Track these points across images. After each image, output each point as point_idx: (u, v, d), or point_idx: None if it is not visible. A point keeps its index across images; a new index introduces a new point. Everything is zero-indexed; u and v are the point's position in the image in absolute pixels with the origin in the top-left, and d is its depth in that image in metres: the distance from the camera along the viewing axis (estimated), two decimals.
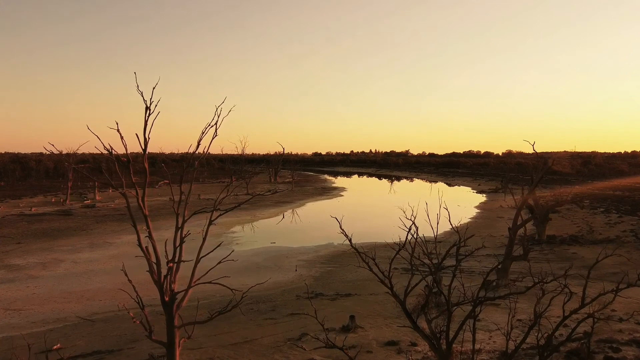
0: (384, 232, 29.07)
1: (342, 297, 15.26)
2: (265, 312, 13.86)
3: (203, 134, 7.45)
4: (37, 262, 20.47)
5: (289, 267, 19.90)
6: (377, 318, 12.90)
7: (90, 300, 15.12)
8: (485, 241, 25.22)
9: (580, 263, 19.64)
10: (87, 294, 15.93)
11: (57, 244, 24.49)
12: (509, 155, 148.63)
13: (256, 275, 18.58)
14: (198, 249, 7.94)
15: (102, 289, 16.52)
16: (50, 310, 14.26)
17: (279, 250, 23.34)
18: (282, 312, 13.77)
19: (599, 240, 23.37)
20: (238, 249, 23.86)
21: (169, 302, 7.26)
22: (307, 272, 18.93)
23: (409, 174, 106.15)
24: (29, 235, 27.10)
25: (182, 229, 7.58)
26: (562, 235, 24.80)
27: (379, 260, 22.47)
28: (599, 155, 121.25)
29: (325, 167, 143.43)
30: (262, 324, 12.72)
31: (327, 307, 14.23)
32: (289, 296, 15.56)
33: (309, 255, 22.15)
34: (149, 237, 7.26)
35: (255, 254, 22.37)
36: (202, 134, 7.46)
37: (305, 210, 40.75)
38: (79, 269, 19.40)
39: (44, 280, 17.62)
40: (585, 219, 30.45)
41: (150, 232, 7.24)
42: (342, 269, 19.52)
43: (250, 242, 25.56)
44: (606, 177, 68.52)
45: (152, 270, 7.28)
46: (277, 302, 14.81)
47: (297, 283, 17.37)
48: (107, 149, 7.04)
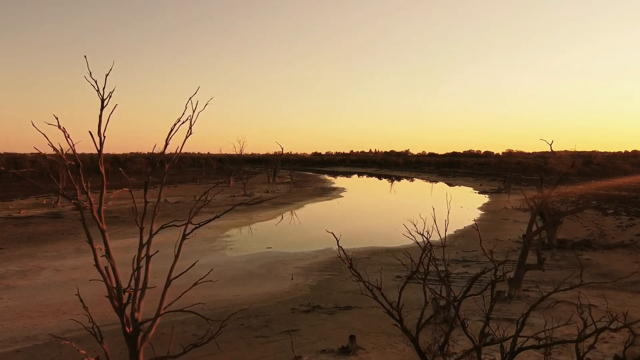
0: (384, 235, 27.84)
1: (341, 311, 14.02)
2: (257, 328, 12.62)
3: (172, 131, 6.21)
4: (17, 270, 19.21)
5: (285, 275, 18.66)
6: (379, 336, 11.66)
7: (66, 314, 13.86)
8: (492, 245, 24.00)
9: (595, 270, 18.41)
10: (65, 307, 14.68)
11: (42, 250, 23.25)
12: (510, 155, 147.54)
13: (249, 284, 17.35)
14: (169, 269, 6.68)
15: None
16: (21, 326, 13.01)
17: (275, 256, 22.10)
18: (276, 328, 12.53)
19: (612, 245, 22.12)
20: (232, 254, 22.64)
21: (131, 334, 6.03)
22: (303, 281, 17.69)
23: (409, 174, 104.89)
24: (14, 239, 25.84)
25: (149, 245, 6.35)
26: (573, 240, 23.57)
27: (379, 267, 21.09)
28: (599, 154, 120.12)
29: (325, 167, 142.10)
30: (252, 343, 11.48)
31: (324, 322, 13.00)
32: (284, 309, 14.32)
33: (306, 262, 20.91)
34: (106, 257, 6.04)
35: (250, 261, 21.13)
36: (172, 131, 6.21)
37: (304, 212, 39.52)
38: (60, 278, 18.15)
39: (21, 291, 16.37)
40: (595, 221, 29.21)
41: (109, 251, 6.03)
42: (341, 276, 18.28)
43: (244, 247, 24.32)
44: (609, 177, 67.31)
45: (111, 296, 6.06)
46: (270, 317, 13.58)
47: (293, 293, 16.14)
48: (57, 150, 5.81)
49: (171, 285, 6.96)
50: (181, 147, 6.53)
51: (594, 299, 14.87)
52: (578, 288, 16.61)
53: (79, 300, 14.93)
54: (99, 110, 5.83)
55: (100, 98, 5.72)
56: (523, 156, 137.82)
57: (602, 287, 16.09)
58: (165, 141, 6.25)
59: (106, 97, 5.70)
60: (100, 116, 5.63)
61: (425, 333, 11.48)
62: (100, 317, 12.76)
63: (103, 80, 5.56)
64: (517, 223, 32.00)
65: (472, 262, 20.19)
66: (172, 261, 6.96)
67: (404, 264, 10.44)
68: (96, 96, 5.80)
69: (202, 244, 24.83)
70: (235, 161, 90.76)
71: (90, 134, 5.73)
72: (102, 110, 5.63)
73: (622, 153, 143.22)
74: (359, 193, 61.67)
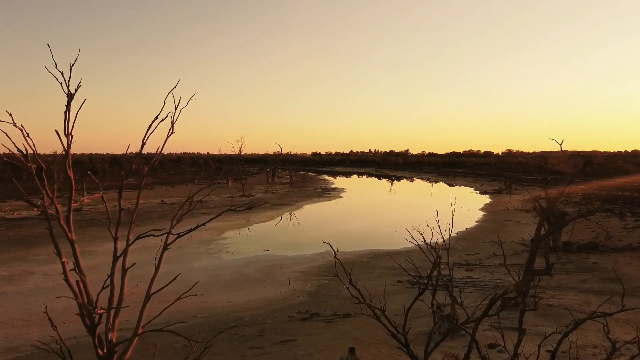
0: (385, 237, 27.19)
1: (340, 318, 13.37)
2: (252, 338, 11.97)
3: (149, 130, 5.56)
4: (5, 275, 18.56)
5: (282, 279, 18.02)
6: (381, 347, 11.02)
7: (53, 320, 13.18)
8: (495, 248, 23.36)
9: (603, 275, 17.76)
10: (52, 314, 13.93)
11: (32, 253, 22.59)
12: (510, 155, 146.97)
13: (244, 290, 16.71)
14: (149, 282, 6.04)
15: (69, 308, 14.57)
16: (3, 336, 12.36)
17: (272, 260, 21.46)
18: (271, 338, 11.89)
19: (620, 248, 21.50)
20: (228, 257, 21.99)
21: (104, 356, 5.39)
22: (301, 286, 17.04)
23: (409, 174, 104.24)
24: (5, 242, 25.20)
25: (126, 255, 5.72)
26: (579, 242, 22.94)
27: (380, 271, 20.30)
28: (599, 154, 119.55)
29: (325, 167, 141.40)
30: (246, 355, 10.84)
31: (322, 331, 12.36)
32: (280, 317, 13.68)
33: (305, 266, 20.27)
34: (76, 270, 5.42)
35: (246, 264, 20.48)
36: (149, 129, 5.57)
37: (303, 213, 38.88)
38: (49, 283, 17.50)
39: (7, 298, 15.72)
40: (600, 222, 28.59)
41: (79, 264, 5.40)
42: (341, 281, 17.62)
43: (241, 250, 23.68)
44: (610, 177, 66.69)
45: (82, 314, 5.43)
46: (266, 325, 12.93)
47: (290, 300, 15.50)
48: (20, 151, 5.18)
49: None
50: (162, 148, 5.89)
51: (604, 306, 14.23)
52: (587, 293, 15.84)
53: (65, 308, 14.23)
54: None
55: (65, 93, 5.06)
56: (523, 156, 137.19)
57: (612, 293, 15.45)
58: (142, 141, 5.61)
59: (75, 90, 5.04)
60: (66, 113, 4.97)
61: None
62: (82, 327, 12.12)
63: (68, 72, 4.90)
64: (520, 224, 31.39)
65: (475, 266, 19.55)
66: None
67: (407, 272, 9.86)
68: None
69: (198, 246, 24.19)
70: (234, 161, 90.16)
71: (57, 133, 5.09)
72: (69, 106, 4.96)
73: (622, 153, 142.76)
74: (358, 193, 61.04)
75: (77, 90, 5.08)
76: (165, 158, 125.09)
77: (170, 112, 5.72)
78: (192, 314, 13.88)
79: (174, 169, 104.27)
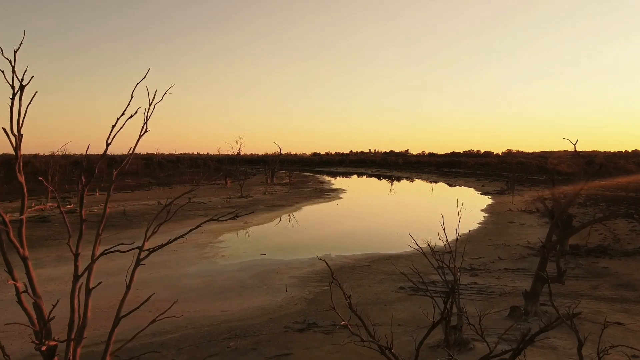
0: (386, 240, 26.41)
1: (339, 329, 12.59)
2: (245, 352, 11.20)
3: (113, 128, 4.79)
4: None
5: (279, 285, 17.25)
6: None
7: (32, 336, 12.40)
8: (500, 252, 22.61)
9: (614, 280, 17.00)
10: (30, 329, 13.21)
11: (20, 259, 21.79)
12: (510, 155, 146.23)
13: (240, 297, 15.93)
14: (119, 304, 5.28)
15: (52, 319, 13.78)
16: None
17: (269, 264, 20.69)
18: (266, 352, 11.12)
19: (630, 252, 20.72)
20: (223, 262, 21.21)
21: None
22: (299, 293, 16.28)
23: (409, 174, 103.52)
24: None
25: (91, 274, 4.96)
26: (587, 245, 22.17)
27: (381, 277, 19.37)
28: (600, 154, 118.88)
29: (324, 167, 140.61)
30: None
31: (320, 344, 11.59)
32: (276, 327, 12.91)
33: (303, 271, 19.50)
34: (30, 293, 4.66)
35: (242, 269, 19.70)
36: (113, 127, 4.79)
37: (302, 215, 38.11)
38: None
39: None
40: (607, 224, 27.80)
41: (33, 285, 4.65)
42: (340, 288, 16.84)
43: (237, 254, 22.90)
44: (612, 177, 65.96)
45: (38, 340, 4.67)
46: (260, 337, 12.16)
47: (287, 308, 14.73)
48: None
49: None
50: (134, 148, 5.13)
51: (618, 315, 13.48)
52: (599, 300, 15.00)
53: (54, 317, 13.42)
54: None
55: (21, 85, 4.30)
56: (523, 156, 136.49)
57: (625, 300, 14.70)
58: (106, 142, 4.84)
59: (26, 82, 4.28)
60: (13, 107, 4.20)
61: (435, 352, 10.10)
62: None
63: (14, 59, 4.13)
64: (524, 226, 30.63)
65: (480, 271, 18.77)
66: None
67: (410, 279, 9.18)
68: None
69: (193, 250, 23.41)
70: (233, 162, 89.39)
71: (5, 131, 4.32)
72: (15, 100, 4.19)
73: (623, 153, 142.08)
74: (358, 194, 60.27)
75: (29, 82, 4.30)
76: (164, 159, 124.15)
77: (143, 107, 4.96)
78: (183, 324, 13.10)
79: (173, 170, 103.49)
